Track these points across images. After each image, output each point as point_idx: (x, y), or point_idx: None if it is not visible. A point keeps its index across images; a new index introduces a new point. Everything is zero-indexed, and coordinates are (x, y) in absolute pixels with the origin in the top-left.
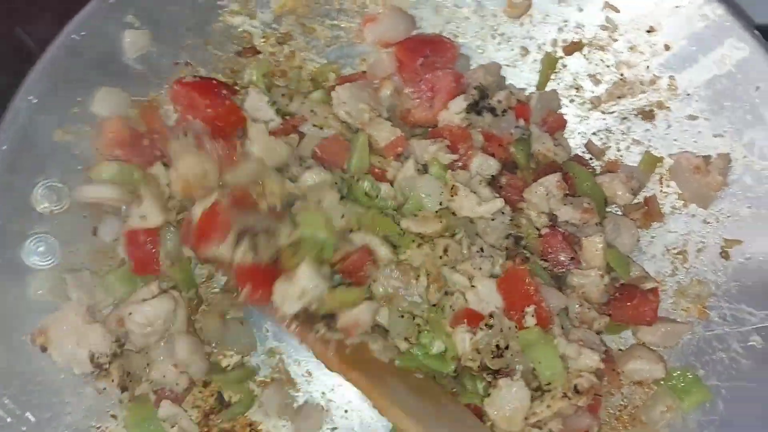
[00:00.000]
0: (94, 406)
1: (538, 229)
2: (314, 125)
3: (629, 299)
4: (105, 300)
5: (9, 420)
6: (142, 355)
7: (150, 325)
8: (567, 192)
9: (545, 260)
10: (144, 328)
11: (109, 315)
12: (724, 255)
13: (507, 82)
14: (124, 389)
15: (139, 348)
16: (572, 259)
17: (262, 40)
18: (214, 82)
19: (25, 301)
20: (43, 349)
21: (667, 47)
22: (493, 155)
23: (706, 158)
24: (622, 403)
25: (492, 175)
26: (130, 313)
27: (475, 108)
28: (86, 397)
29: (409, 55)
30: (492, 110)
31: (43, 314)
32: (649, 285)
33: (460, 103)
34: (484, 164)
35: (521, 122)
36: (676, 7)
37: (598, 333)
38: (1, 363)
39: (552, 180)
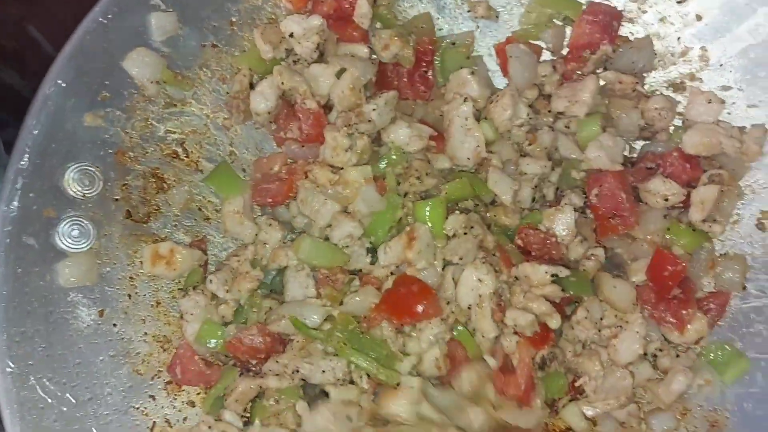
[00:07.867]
0: (134, 387)
1: None
2: None
3: None
4: None
5: (50, 401)
6: None
7: None
8: None
9: None
10: None
11: None
12: (761, 226)
13: None
14: None
15: None
16: None
17: None
18: None
19: (62, 284)
20: None
21: (698, 17)
22: None
23: (741, 128)
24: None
25: None
26: None
27: None
28: (125, 378)
29: None
30: None
31: (79, 295)
32: None
33: None
34: None
35: None
36: None
37: None
38: (40, 346)
39: None
